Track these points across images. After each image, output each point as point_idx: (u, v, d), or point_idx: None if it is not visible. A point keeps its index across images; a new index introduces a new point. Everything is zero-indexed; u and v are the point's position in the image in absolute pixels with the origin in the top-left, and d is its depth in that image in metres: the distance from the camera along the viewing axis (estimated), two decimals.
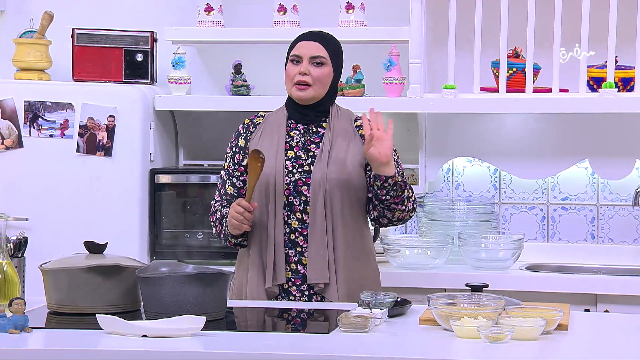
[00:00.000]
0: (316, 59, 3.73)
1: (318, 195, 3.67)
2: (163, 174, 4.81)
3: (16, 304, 3.07)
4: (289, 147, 3.75)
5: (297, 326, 3.43)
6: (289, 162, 3.72)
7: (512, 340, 2.96)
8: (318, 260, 3.66)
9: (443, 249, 4.61)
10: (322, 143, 3.73)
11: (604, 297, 4.43)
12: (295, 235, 3.70)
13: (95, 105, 4.72)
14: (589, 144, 4.89)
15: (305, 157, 3.73)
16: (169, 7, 5.18)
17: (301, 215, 3.69)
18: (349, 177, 3.71)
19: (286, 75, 3.75)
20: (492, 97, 4.69)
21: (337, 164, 3.71)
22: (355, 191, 3.73)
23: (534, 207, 5.01)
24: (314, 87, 3.73)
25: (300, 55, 3.73)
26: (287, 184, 3.70)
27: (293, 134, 3.77)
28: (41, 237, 4.51)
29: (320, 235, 3.67)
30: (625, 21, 4.67)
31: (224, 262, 4.59)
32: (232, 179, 3.79)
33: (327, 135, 3.75)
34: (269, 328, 3.39)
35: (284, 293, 3.70)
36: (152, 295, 3.22)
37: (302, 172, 3.71)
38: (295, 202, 3.69)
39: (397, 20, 4.83)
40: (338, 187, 3.69)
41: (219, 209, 3.76)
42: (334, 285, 3.67)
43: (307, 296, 3.69)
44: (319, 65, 3.73)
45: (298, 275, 3.70)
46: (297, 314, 3.50)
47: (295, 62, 3.74)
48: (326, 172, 3.68)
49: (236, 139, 3.82)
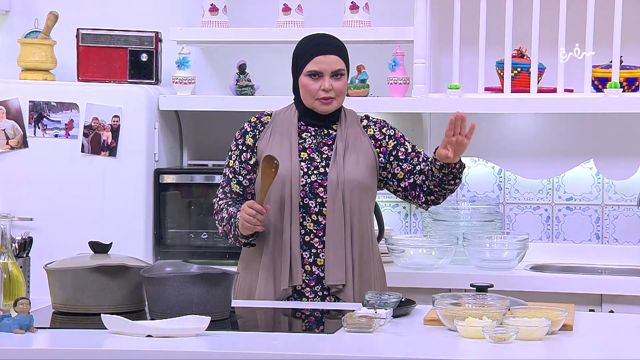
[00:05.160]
0: (337, 72, 3.72)
1: (335, 196, 3.68)
2: (168, 174, 4.81)
3: (21, 304, 3.08)
4: (301, 149, 3.75)
5: (302, 326, 3.43)
6: (304, 164, 3.72)
7: (516, 340, 2.96)
8: (336, 262, 3.67)
9: (448, 249, 4.61)
10: (336, 145, 3.74)
11: (608, 298, 4.42)
12: (310, 237, 3.70)
13: (99, 105, 4.73)
14: (594, 144, 4.88)
15: (319, 159, 3.74)
16: (173, 7, 5.18)
17: (316, 217, 3.70)
18: (362, 179, 3.73)
19: (305, 89, 3.72)
20: (497, 97, 4.69)
21: (352, 165, 3.72)
22: (367, 192, 3.75)
23: (539, 207, 5.01)
24: (337, 99, 3.74)
25: (320, 71, 3.71)
26: (303, 186, 3.70)
27: (305, 136, 3.77)
28: (46, 237, 4.52)
29: (338, 236, 3.68)
30: (630, 21, 4.67)
31: (228, 262, 4.59)
32: (238, 177, 3.79)
33: (339, 137, 3.76)
34: (273, 328, 3.39)
35: (297, 295, 3.69)
36: (157, 295, 3.22)
37: (317, 174, 3.71)
38: (310, 204, 3.70)
39: (401, 20, 4.83)
40: (354, 189, 3.71)
41: (224, 207, 3.75)
42: (350, 287, 3.68)
43: (320, 297, 3.69)
44: (340, 77, 3.73)
45: (312, 277, 3.70)
46: (302, 314, 3.50)
47: (315, 77, 3.72)
48: (343, 174, 3.70)
49: (242, 137, 3.81)
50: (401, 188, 3.79)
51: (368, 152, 3.77)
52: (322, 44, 3.74)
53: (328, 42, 3.76)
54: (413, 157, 3.78)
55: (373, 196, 3.81)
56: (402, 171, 3.78)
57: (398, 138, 3.81)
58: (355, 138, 3.78)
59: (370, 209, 3.79)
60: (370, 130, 3.80)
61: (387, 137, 3.80)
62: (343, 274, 3.67)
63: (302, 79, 3.73)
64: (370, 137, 3.79)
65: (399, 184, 3.78)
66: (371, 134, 3.80)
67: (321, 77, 3.70)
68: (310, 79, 3.71)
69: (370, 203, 3.80)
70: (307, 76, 3.71)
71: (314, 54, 3.72)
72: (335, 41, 3.77)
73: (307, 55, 3.73)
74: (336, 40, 3.78)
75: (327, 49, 3.73)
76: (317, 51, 3.72)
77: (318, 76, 3.70)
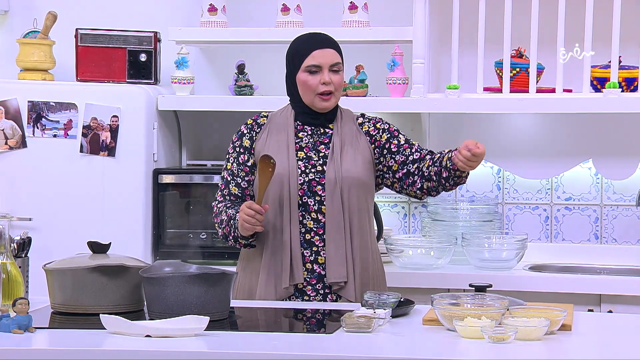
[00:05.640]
0: (334, 66, 3.74)
1: (334, 194, 3.69)
2: (166, 174, 4.81)
3: (20, 304, 3.08)
4: (298, 148, 3.76)
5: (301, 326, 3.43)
6: (301, 163, 3.73)
7: (515, 340, 2.97)
8: (337, 260, 3.68)
9: (446, 249, 4.61)
10: (332, 144, 3.75)
11: (607, 297, 4.42)
12: (310, 235, 3.70)
13: (98, 105, 4.73)
14: (593, 144, 4.88)
15: (316, 157, 3.74)
16: (172, 7, 5.18)
17: (316, 215, 3.70)
18: (360, 176, 3.74)
19: (305, 85, 3.73)
20: (496, 97, 4.69)
21: (349, 163, 3.73)
22: (365, 189, 3.76)
23: (538, 207, 5.01)
24: (335, 95, 3.75)
25: (319, 64, 3.72)
26: (301, 184, 3.71)
27: (301, 135, 3.78)
28: (45, 237, 4.52)
29: (338, 234, 3.69)
30: (629, 21, 4.67)
31: (227, 262, 4.59)
32: (237, 179, 3.79)
33: (335, 136, 3.76)
34: (272, 328, 3.39)
35: (298, 293, 3.70)
36: (156, 295, 3.22)
37: (315, 173, 3.72)
38: (309, 202, 3.70)
39: (400, 20, 4.83)
40: (352, 186, 3.72)
41: (223, 210, 3.75)
42: (351, 284, 3.69)
43: (322, 295, 3.69)
44: (337, 72, 3.74)
45: (314, 275, 3.70)
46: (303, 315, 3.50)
47: (314, 72, 3.73)
48: (340, 171, 3.70)
49: (240, 139, 3.82)
50: (396, 179, 3.80)
51: (365, 149, 3.78)
52: (318, 40, 3.77)
53: (323, 38, 3.78)
54: (406, 148, 3.79)
55: (371, 193, 3.81)
56: (396, 163, 3.79)
57: (392, 131, 3.82)
58: (351, 135, 3.78)
59: (369, 206, 3.80)
60: (365, 127, 3.82)
61: (380, 131, 3.81)
62: (344, 271, 3.68)
63: (301, 76, 3.73)
64: (365, 133, 3.81)
65: (394, 175, 3.79)
66: (366, 130, 3.82)
67: (320, 72, 3.72)
68: (309, 74, 3.72)
69: (369, 200, 3.80)
70: (306, 72, 3.72)
71: (311, 49, 3.74)
72: (330, 37, 3.80)
73: (305, 51, 3.74)
74: (330, 37, 3.81)
75: (324, 44, 3.75)
76: (314, 46, 3.74)
77: (317, 71, 3.72)
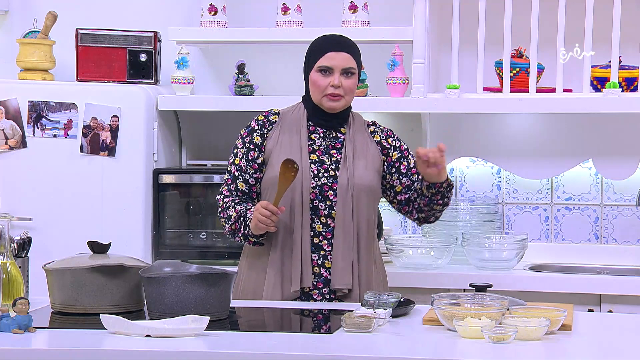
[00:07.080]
0: (347, 70, 3.73)
1: (345, 199, 3.69)
2: (166, 174, 4.81)
3: (20, 304, 3.08)
4: (311, 151, 3.75)
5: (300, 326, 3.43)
6: (314, 166, 3.72)
7: (515, 340, 2.97)
8: (343, 267, 3.68)
9: (446, 249, 4.61)
10: (345, 149, 3.75)
11: (607, 297, 4.42)
12: (319, 239, 3.70)
13: (98, 105, 4.73)
14: (593, 144, 4.88)
15: (329, 162, 3.74)
16: (172, 7, 5.18)
17: (325, 219, 3.70)
18: (371, 183, 3.75)
19: (315, 85, 3.73)
20: (496, 97, 4.69)
21: (361, 170, 3.74)
22: (375, 197, 3.78)
23: (538, 207, 5.01)
24: (345, 98, 3.74)
25: (331, 67, 3.72)
26: (313, 188, 3.70)
27: (313, 137, 3.78)
28: (45, 237, 4.52)
29: (346, 240, 3.69)
30: (629, 21, 4.67)
31: (227, 262, 4.59)
32: (245, 175, 3.78)
33: (348, 141, 3.76)
34: (272, 328, 3.39)
35: (305, 296, 3.69)
36: (156, 295, 3.22)
37: (327, 177, 3.71)
38: (320, 207, 3.70)
39: (400, 20, 4.83)
40: (362, 193, 3.72)
41: (231, 206, 3.73)
42: (356, 291, 3.69)
43: (327, 300, 3.69)
44: (350, 75, 3.74)
45: (321, 279, 3.70)
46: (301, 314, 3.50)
47: (325, 73, 3.73)
48: (353, 178, 3.70)
49: (250, 135, 3.80)
50: (397, 200, 3.81)
51: (375, 158, 3.79)
52: (335, 41, 3.77)
53: (341, 40, 3.78)
54: (414, 172, 3.80)
55: (379, 200, 3.83)
56: (401, 185, 3.80)
57: (403, 151, 3.83)
58: (363, 143, 3.79)
59: (375, 213, 3.81)
60: (377, 137, 3.83)
61: (392, 148, 3.82)
62: (349, 279, 3.68)
63: (313, 75, 3.74)
64: (377, 143, 3.81)
65: (396, 196, 3.81)
66: (378, 140, 3.82)
67: (331, 74, 3.71)
68: (321, 74, 3.72)
69: (376, 207, 3.83)
70: (318, 72, 3.73)
71: (326, 50, 3.74)
72: (349, 41, 3.80)
73: (320, 51, 3.74)
74: (350, 40, 3.80)
75: (340, 46, 3.75)
76: (329, 47, 3.74)
77: (329, 72, 3.72)
